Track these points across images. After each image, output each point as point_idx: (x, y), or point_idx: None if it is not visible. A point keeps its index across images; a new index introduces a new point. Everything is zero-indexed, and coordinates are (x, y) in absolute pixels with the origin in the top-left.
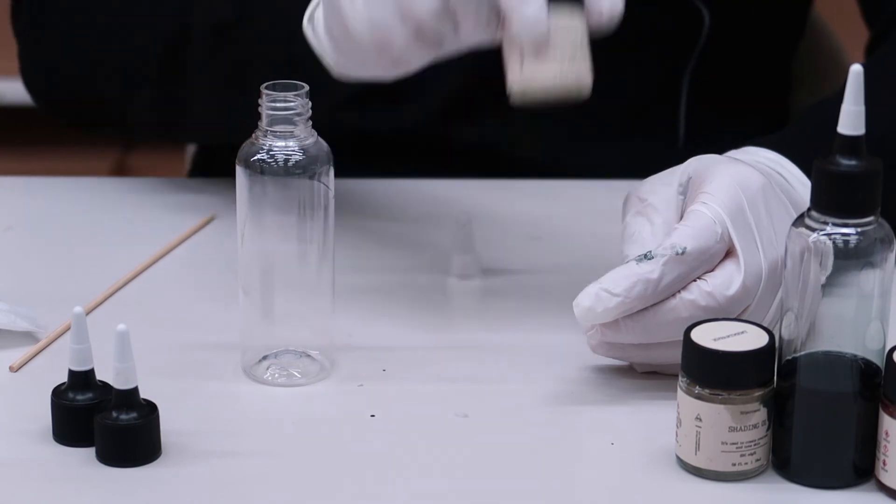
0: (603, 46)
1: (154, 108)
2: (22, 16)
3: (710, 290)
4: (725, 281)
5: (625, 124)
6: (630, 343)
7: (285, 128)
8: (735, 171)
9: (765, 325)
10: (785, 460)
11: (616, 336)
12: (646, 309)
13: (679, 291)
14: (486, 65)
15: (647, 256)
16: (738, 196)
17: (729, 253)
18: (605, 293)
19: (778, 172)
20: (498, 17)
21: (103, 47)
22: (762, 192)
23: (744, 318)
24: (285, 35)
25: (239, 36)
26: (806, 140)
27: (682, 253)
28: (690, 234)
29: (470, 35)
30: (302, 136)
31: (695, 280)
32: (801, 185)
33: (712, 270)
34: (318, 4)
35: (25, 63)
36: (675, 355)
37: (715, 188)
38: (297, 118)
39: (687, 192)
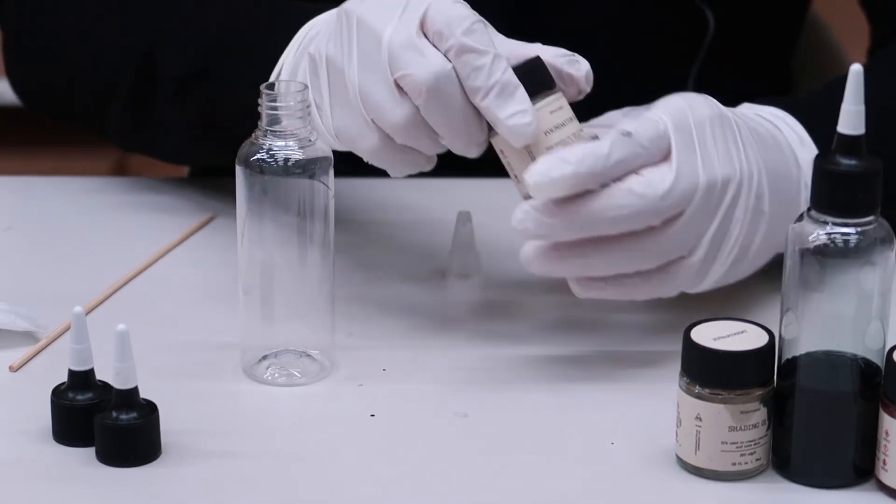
0: (608, 49)
1: (126, 126)
2: (5, 18)
3: (645, 180)
4: (660, 176)
5: None
6: (567, 245)
7: (285, 128)
8: (689, 96)
9: (700, 250)
10: (785, 460)
11: (553, 231)
12: (582, 197)
13: (615, 181)
14: None
15: (595, 138)
16: (685, 112)
17: (668, 159)
18: (559, 161)
19: (773, 124)
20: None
21: (78, 60)
22: (715, 120)
23: (677, 228)
24: (250, 88)
25: (202, 88)
26: (808, 102)
27: (628, 135)
28: (635, 123)
29: (453, 143)
30: (302, 136)
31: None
32: (793, 134)
33: (649, 168)
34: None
35: (9, 63)
36: (613, 264)
37: (663, 103)
38: (297, 118)
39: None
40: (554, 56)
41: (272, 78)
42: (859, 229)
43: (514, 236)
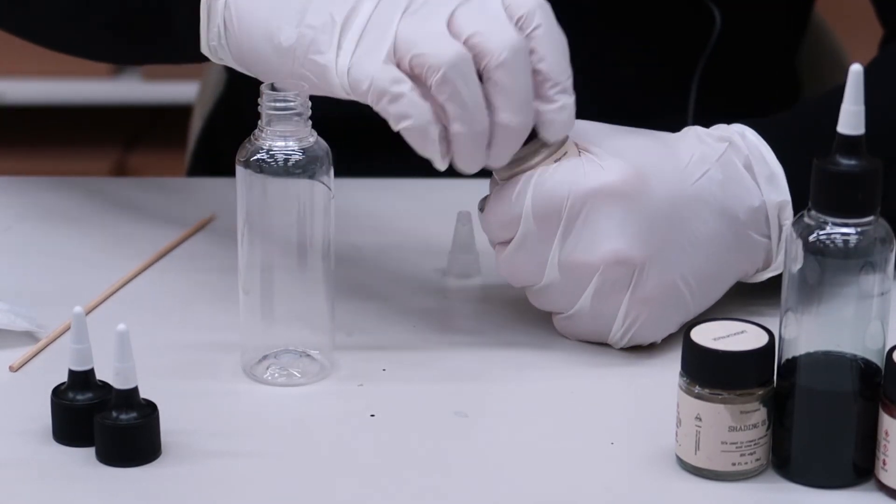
0: (614, 45)
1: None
2: None
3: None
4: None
5: (633, 124)
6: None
7: (285, 128)
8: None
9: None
10: (785, 460)
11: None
12: None
13: None
14: None
15: (479, 204)
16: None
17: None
18: None
19: (733, 140)
20: None
21: None
22: (636, 200)
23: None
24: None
25: None
26: (785, 120)
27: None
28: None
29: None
30: (302, 136)
31: None
32: (754, 149)
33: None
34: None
35: None
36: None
37: (617, 163)
38: (296, 118)
39: None
40: None
41: None
42: (859, 229)
43: None
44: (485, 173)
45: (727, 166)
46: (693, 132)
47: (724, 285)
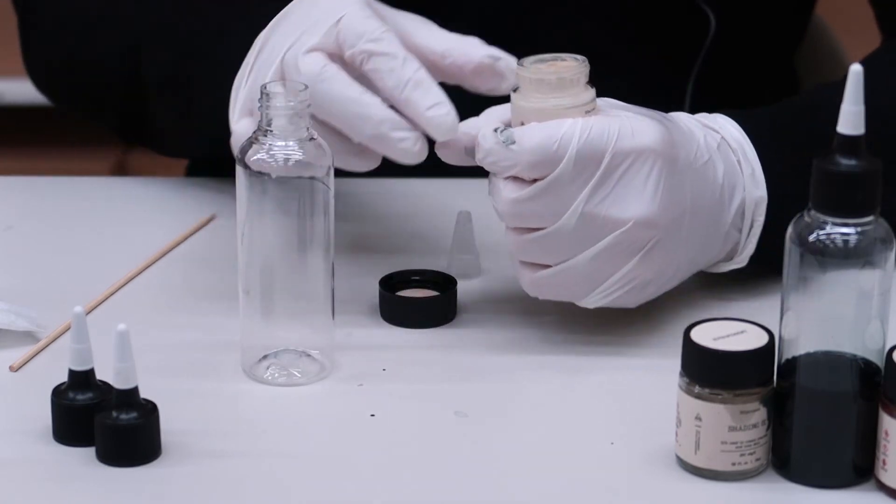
0: (608, 48)
1: (122, 119)
2: (17, 4)
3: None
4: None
5: None
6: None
7: (285, 127)
8: (653, 125)
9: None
10: (785, 460)
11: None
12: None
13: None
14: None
15: (503, 135)
16: (610, 138)
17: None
18: (471, 133)
19: (713, 128)
20: None
21: (76, 54)
22: (643, 156)
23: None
24: (217, 94)
25: (178, 92)
26: (765, 115)
27: (511, 143)
28: (539, 134)
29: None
30: (302, 136)
31: None
32: (733, 139)
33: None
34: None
35: (23, 52)
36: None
37: (619, 121)
38: (296, 118)
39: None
40: (483, 56)
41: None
42: (859, 229)
43: None
44: (483, 173)
45: (725, 157)
46: (690, 118)
47: (695, 268)
